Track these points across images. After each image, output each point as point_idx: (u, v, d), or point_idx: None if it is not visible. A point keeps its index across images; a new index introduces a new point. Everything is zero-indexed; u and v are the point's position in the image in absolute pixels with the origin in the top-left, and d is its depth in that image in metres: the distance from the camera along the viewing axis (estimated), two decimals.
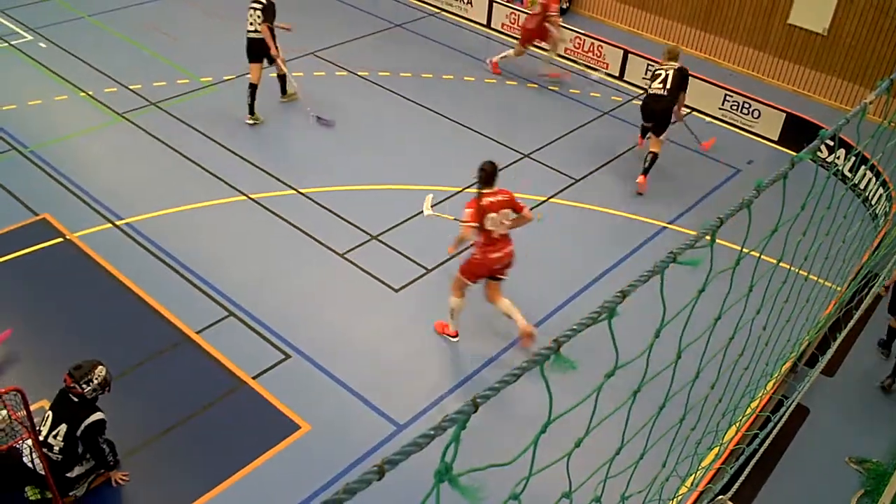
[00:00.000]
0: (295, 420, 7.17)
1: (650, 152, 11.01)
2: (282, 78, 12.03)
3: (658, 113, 10.76)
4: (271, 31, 11.11)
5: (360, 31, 14.81)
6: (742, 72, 14.60)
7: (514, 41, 14.99)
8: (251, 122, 11.59)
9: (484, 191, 7.64)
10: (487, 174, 7.67)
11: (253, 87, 11.44)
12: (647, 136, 11.28)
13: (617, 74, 13.98)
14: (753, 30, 14.36)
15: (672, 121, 10.94)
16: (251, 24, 11.14)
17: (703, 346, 2.60)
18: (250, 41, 11.28)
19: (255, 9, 11.06)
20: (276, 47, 11.23)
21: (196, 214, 9.66)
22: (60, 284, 8.45)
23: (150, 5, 14.94)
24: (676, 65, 10.76)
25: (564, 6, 16.20)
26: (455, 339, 8.35)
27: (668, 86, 10.64)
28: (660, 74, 10.76)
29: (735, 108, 12.83)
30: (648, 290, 2.11)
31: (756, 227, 2.35)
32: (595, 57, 14.21)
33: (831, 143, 11.47)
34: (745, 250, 2.36)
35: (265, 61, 11.40)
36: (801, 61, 13.99)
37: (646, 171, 10.98)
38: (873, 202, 10.82)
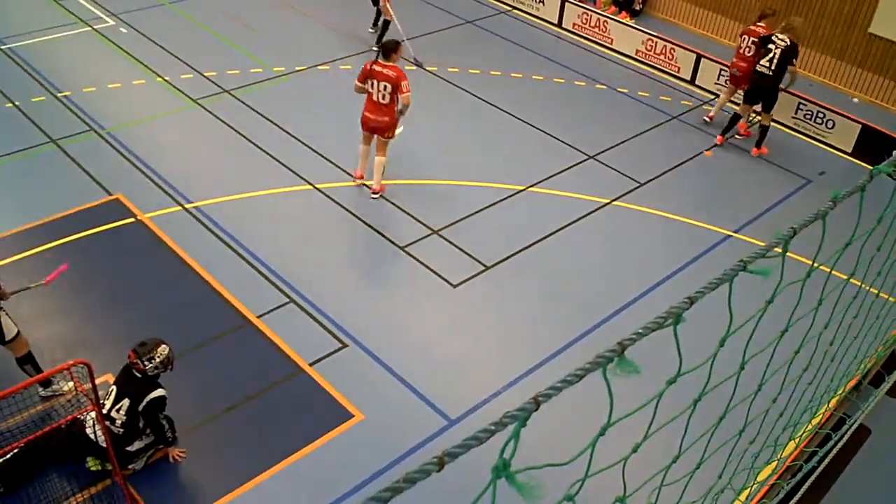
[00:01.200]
0: (349, 409, 7.25)
1: (761, 126, 11.72)
2: (385, 24, 13.60)
3: (766, 91, 11.31)
4: None
5: (432, 27, 14.88)
6: (819, 81, 14.23)
7: (586, 41, 14.90)
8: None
9: (379, 61, 9.49)
10: (385, 49, 9.53)
11: (385, 23, 13.58)
12: (747, 116, 12.08)
13: (689, 79, 13.76)
14: (832, 37, 13.97)
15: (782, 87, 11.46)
16: None
17: (767, 358, 2.55)
18: None
19: None
20: None
21: (263, 202, 9.84)
22: (130, 263, 8.71)
23: None
24: (787, 41, 11.06)
25: (637, 8, 16.02)
26: (356, 180, 10.25)
27: (773, 66, 11.10)
28: (770, 50, 11.17)
29: (809, 117, 12.51)
30: (710, 299, 2.09)
31: (827, 239, 2.31)
32: (667, 60, 14.01)
33: None
34: (815, 265, 2.32)
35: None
36: (882, 72, 13.56)
37: (759, 144, 11.87)
38: None
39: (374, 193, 10.05)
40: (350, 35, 13.99)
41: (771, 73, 11.07)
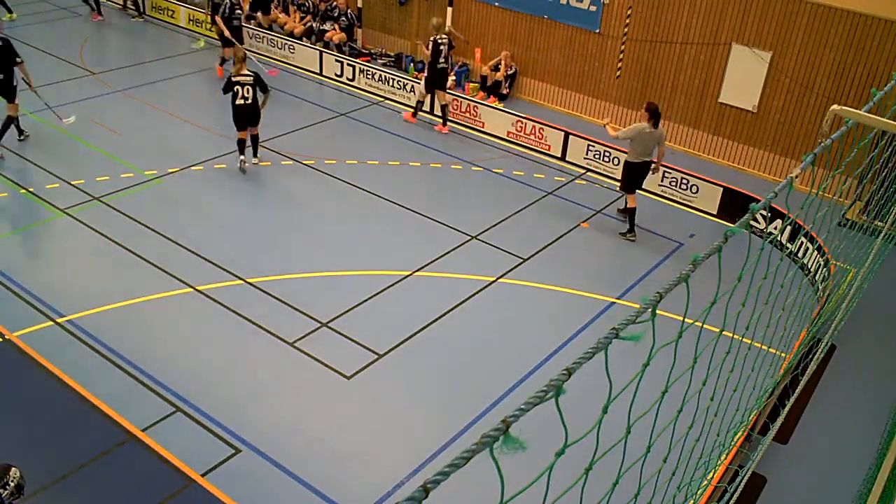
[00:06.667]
0: None
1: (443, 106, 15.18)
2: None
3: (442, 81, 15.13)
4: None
5: (305, 121, 15.00)
6: (678, 149, 15.09)
7: (458, 126, 15.35)
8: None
9: None
10: None
11: None
12: None
13: (559, 156, 14.33)
14: (687, 109, 14.91)
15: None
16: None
17: (653, 419, 2.60)
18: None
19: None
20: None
21: (141, 309, 9.49)
22: None
23: (91, 101, 14.97)
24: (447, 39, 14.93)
25: (504, 92, 16.66)
26: None
27: (448, 61, 15.15)
28: (441, 51, 14.72)
29: (674, 184, 13.20)
30: (599, 366, 2.13)
31: (701, 297, 2.40)
32: (537, 139, 14.56)
33: (767, 214, 11.86)
34: (688, 320, 2.41)
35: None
36: (734, 137, 14.53)
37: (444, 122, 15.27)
38: (811, 268, 11.13)
39: None
40: (221, 133, 13.90)
41: (446, 65, 14.93)
